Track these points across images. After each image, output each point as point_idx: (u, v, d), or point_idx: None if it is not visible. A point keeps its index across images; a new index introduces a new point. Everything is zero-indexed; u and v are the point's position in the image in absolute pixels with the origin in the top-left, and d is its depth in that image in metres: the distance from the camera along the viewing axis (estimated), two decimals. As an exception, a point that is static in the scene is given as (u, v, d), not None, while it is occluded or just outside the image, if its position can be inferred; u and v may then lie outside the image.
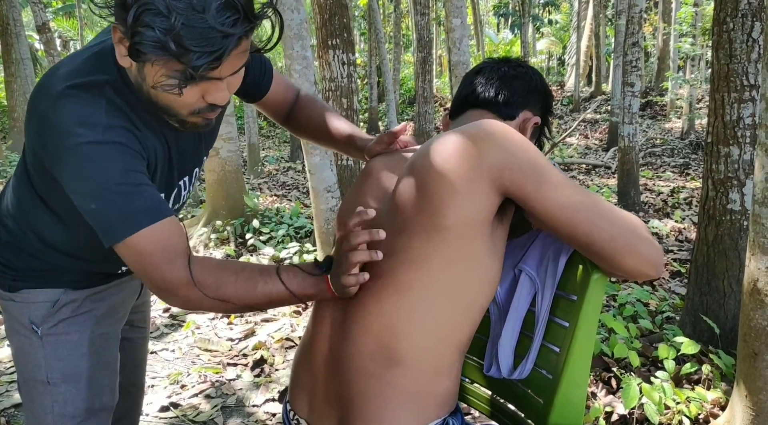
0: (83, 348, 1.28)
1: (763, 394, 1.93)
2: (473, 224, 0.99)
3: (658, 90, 16.37)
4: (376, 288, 1.02)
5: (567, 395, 1.13)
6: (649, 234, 1.03)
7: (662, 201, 6.86)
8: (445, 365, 1.03)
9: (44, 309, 1.25)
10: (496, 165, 0.98)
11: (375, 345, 1.01)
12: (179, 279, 1.02)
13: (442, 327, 1.02)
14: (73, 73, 1.05)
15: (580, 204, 0.99)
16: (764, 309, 1.91)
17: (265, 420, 2.45)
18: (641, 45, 6.24)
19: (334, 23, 4.16)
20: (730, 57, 2.57)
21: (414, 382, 1.00)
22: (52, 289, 1.26)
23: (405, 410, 0.99)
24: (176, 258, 1.02)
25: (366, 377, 1.00)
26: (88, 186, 1.00)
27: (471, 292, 1.03)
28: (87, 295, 1.30)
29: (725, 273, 2.70)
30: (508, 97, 1.22)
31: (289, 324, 3.39)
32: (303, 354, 1.15)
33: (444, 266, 1.00)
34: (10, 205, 1.25)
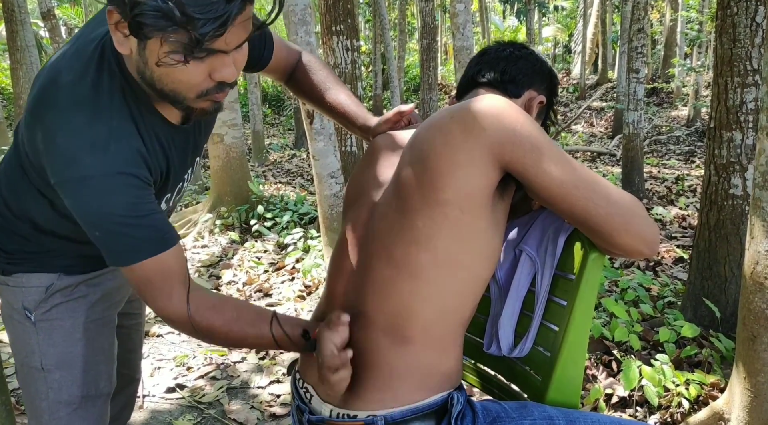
0: (77, 334, 1.27)
1: (761, 376, 1.95)
2: (473, 198, 1.01)
3: (665, 77, 16.29)
4: (391, 272, 1.05)
5: (564, 372, 1.16)
6: (646, 214, 1.05)
7: (666, 188, 6.86)
8: (450, 341, 1.07)
9: (37, 294, 1.24)
10: (497, 139, 0.99)
11: (387, 322, 1.04)
12: (175, 314, 1.07)
13: (449, 303, 1.05)
14: (79, 83, 1.02)
15: (579, 180, 1.01)
16: (764, 292, 1.92)
17: (270, 402, 2.48)
18: (647, 31, 6.21)
19: (338, 9, 4.16)
20: (734, 41, 2.57)
21: (422, 358, 1.04)
22: (45, 274, 1.24)
23: (413, 383, 1.03)
24: (174, 290, 1.06)
25: (377, 349, 1.04)
26: (93, 218, 1.01)
27: (474, 267, 1.06)
28: (81, 280, 1.28)
29: (726, 257, 2.72)
30: (514, 76, 1.24)
31: (294, 309, 3.42)
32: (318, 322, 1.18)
33: (449, 243, 1.02)
34: (2, 189, 1.23)
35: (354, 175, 1.30)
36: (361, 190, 1.23)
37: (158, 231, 1.05)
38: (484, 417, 1.06)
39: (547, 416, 1.08)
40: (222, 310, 1.09)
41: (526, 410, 1.09)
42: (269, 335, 1.10)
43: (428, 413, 1.02)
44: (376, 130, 1.36)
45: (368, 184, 1.22)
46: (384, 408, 1.01)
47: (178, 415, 2.40)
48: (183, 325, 1.08)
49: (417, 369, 1.03)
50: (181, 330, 1.11)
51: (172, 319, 1.07)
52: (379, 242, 1.09)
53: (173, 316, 1.07)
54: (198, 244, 4.95)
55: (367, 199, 1.19)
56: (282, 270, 4.08)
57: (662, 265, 3.93)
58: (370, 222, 1.14)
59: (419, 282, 1.03)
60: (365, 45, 18.05)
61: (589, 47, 20.36)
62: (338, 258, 1.19)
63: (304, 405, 1.13)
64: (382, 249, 1.07)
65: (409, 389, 1.03)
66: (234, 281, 3.97)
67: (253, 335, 1.10)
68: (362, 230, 1.15)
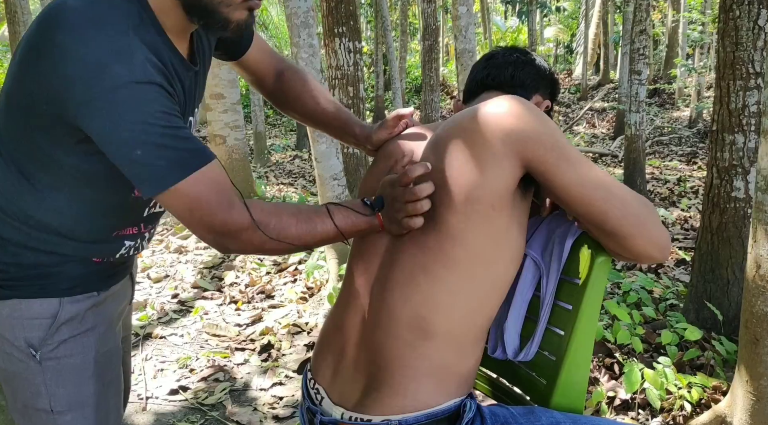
0: (88, 372, 1.15)
1: (763, 380, 1.95)
2: (501, 195, 1.03)
3: (667, 78, 16.28)
4: (425, 260, 1.05)
5: (569, 376, 1.16)
6: (659, 219, 1.07)
7: (669, 189, 6.86)
8: (471, 341, 1.08)
9: (42, 328, 1.09)
10: (522, 137, 1.01)
11: (413, 314, 1.04)
12: (241, 223, 0.99)
13: (475, 301, 1.06)
14: (91, 5, 0.94)
15: (598, 182, 1.02)
16: (766, 296, 1.92)
17: (273, 404, 2.49)
18: (649, 32, 6.21)
19: (341, 11, 4.16)
20: (736, 44, 2.57)
21: (443, 356, 1.04)
22: (47, 299, 1.09)
23: (430, 384, 1.03)
24: (234, 201, 0.99)
25: (400, 345, 1.04)
26: (131, 132, 0.92)
27: (503, 266, 1.08)
28: (87, 308, 1.15)
29: (729, 260, 2.72)
30: (523, 81, 1.28)
31: (296, 311, 3.43)
32: (333, 325, 1.18)
33: (482, 240, 1.04)
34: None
35: (366, 180, 1.29)
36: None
37: (197, 142, 1.00)
38: (492, 422, 1.06)
39: (554, 421, 1.09)
40: (282, 211, 1.04)
41: (534, 415, 1.09)
42: (332, 225, 1.06)
43: (441, 419, 1.03)
44: (377, 138, 1.33)
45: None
46: (400, 412, 1.01)
47: (181, 417, 2.40)
48: (250, 234, 1.00)
49: (437, 369, 1.04)
50: (245, 247, 1.03)
51: (237, 231, 0.99)
52: (409, 236, 1.09)
53: (239, 226, 0.99)
54: (200, 245, 4.95)
55: None
56: (284, 271, 4.09)
57: (664, 267, 3.93)
58: None
59: (451, 275, 1.04)
60: (367, 46, 18.06)
61: (591, 48, 20.35)
62: (362, 260, 1.18)
63: (315, 407, 1.13)
64: (413, 241, 1.08)
65: (426, 392, 1.03)
66: (237, 282, 3.97)
67: (321, 223, 1.06)
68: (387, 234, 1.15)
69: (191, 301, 3.70)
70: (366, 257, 1.17)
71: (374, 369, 1.06)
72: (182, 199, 0.97)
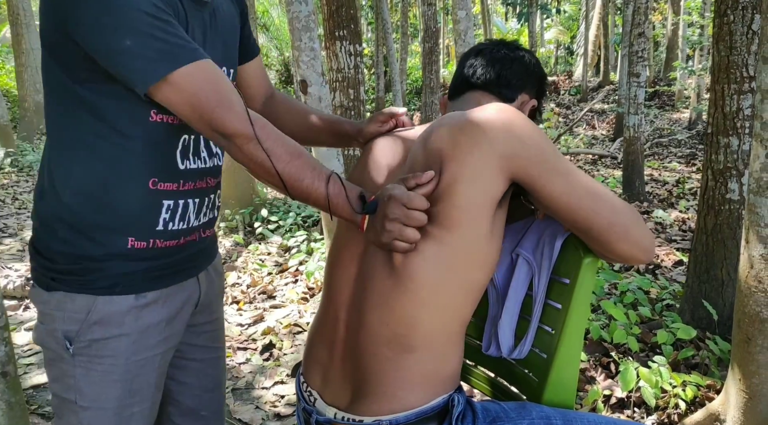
0: (114, 376, 1.14)
1: (755, 378, 1.99)
2: (481, 205, 1.04)
3: (666, 80, 16.31)
4: (393, 283, 1.06)
5: (560, 373, 1.20)
6: (644, 222, 1.10)
7: (667, 191, 6.89)
8: (451, 347, 1.10)
9: (77, 322, 1.10)
10: (507, 151, 1.02)
11: (391, 333, 1.06)
12: (237, 127, 0.99)
13: (451, 310, 1.08)
14: None
15: (584, 191, 1.04)
16: (758, 296, 1.96)
17: (274, 402, 2.53)
18: (647, 35, 6.24)
19: (341, 14, 4.20)
20: (731, 49, 2.61)
21: (425, 365, 1.06)
22: (87, 296, 1.10)
23: (416, 389, 1.06)
24: (233, 103, 0.99)
25: (381, 360, 1.06)
26: (120, 17, 0.93)
27: (475, 272, 1.09)
28: (125, 311, 1.12)
29: (724, 261, 2.76)
30: (509, 80, 1.26)
31: (297, 311, 3.47)
32: (319, 331, 1.21)
33: (453, 248, 1.05)
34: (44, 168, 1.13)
35: (351, 176, 1.30)
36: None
37: (189, 41, 0.99)
38: (484, 417, 1.09)
39: (544, 416, 1.12)
40: (286, 141, 1.05)
41: (525, 410, 1.13)
42: (324, 189, 1.06)
43: (431, 416, 1.06)
44: (367, 130, 1.34)
45: (369, 186, 1.21)
46: (390, 413, 1.04)
47: (184, 415, 2.44)
48: (243, 141, 1.00)
49: (421, 376, 1.06)
50: (238, 151, 1.02)
51: (233, 135, 1.00)
52: (379, 252, 1.10)
53: (235, 129, 0.99)
54: (202, 247, 5.00)
55: None
56: (285, 272, 4.13)
57: (662, 268, 3.96)
58: None
59: (420, 289, 1.05)
60: (368, 47, 18.10)
61: (591, 49, 20.37)
62: (338, 267, 1.19)
63: (310, 407, 1.16)
64: (383, 260, 1.09)
65: (413, 395, 1.06)
66: (238, 283, 4.01)
67: (310, 179, 1.05)
68: (360, 240, 1.16)
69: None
70: (341, 275, 1.18)
71: (359, 380, 1.09)
72: (179, 93, 0.97)
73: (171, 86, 0.96)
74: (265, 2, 20.66)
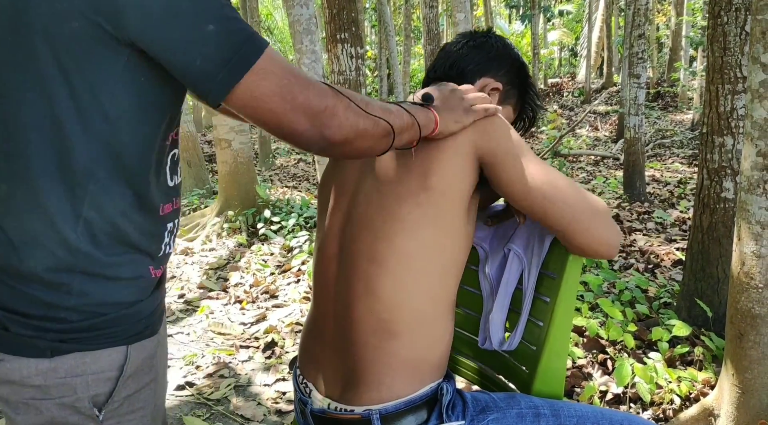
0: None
1: (748, 373, 2.02)
2: (456, 187, 1.09)
3: (670, 81, 16.31)
4: (375, 269, 1.10)
5: (549, 364, 1.24)
6: (608, 218, 1.12)
7: (669, 192, 6.91)
8: (436, 331, 1.12)
9: (108, 382, 0.90)
10: (479, 129, 1.09)
11: (376, 321, 1.09)
12: (333, 96, 0.87)
13: (435, 290, 1.11)
14: None
15: (539, 178, 1.08)
16: (750, 292, 2.00)
17: (276, 398, 2.57)
18: (647, 37, 6.27)
19: (343, 17, 4.24)
20: (724, 50, 2.65)
21: (410, 351, 1.09)
22: (115, 348, 0.90)
23: (404, 376, 1.09)
24: (311, 79, 0.87)
25: (369, 349, 1.10)
26: (201, 4, 0.79)
27: (454, 251, 1.13)
28: (152, 355, 0.97)
29: (719, 259, 2.79)
30: (463, 68, 1.28)
31: (299, 310, 3.51)
32: (311, 326, 1.25)
33: (433, 230, 1.09)
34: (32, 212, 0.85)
35: (327, 165, 1.31)
36: (336, 192, 1.24)
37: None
38: (474, 407, 1.13)
39: (533, 405, 1.16)
40: (365, 97, 0.95)
41: (514, 400, 1.17)
42: (405, 111, 1.00)
43: (420, 404, 1.09)
44: None
45: (341, 186, 1.23)
46: (379, 402, 1.07)
47: (187, 411, 2.49)
48: (345, 107, 0.88)
49: (407, 362, 1.09)
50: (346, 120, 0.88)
51: (334, 106, 0.86)
52: (360, 243, 1.13)
53: (332, 99, 0.86)
54: (206, 247, 5.05)
55: (341, 202, 1.21)
56: (288, 272, 4.18)
57: (661, 268, 3.99)
58: (347, 226, 1.17)
59: (403, 272, 1.08)
60: (371, 50, 18.15)
61: (595, 51, 20.40)
62: (321, 266, 1.22)
63: (305, 398, 1.20)
64: (364, 249, 1.11)
65: (401, 383, 1.09)
66: (241, 283, 4.06)
67: (398, 113, 0.98)
68: (339, 235, 1.19)
69: (197, 301, 3.79)
70: (326, 271, 1.20)
71: (349, 369, 1.12)
72: (271, 78, 0.82)
73: (261, 73, 0.81)
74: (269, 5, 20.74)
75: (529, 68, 1.37)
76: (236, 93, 0.81)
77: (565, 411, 1.16)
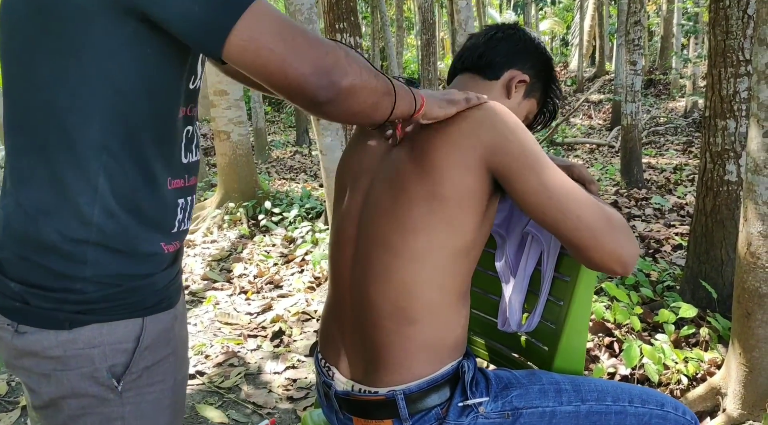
0: (165, 401, 1.00)
1: (755, 351, 2.05)
2: (469, 196, 1.07)
3: (662, 68, 16.37)
4: (390, 258, 1.10)
5: (569, 342, 1.27)
6: (625, 233, 1.06)
7: (665, 178, 6.96)
8: (453, 315, 1.14)
9: (125, 353, 0.92)
10: (489, 145, 1.05)
11: (393, 307, 1.10)
12: (328, 42, 0.85)
13: (446, 283, 1.11)
14: None
15: (554, 192, 1.04)
16: (756, 272, 2.03)
17: (287, 386, 2.59)
18: (643, 24, 6.30)
19: (341, 7, 4.24)
20: (727, 33, 2.67)
21: (429, 335, 1.11)
22: (132, 320, 0.93)
23: (423, 358, 1.11)
24: (309, 31, 0.85)
25: (386, 333, 1.11)
26: None
27: (468, 248, 1.12)
28: (169, 327, 0.99)
29: (723, 241, 2.82)
30: (491, 59, 1.27)
31: (305, 300, 3.53)
32: (329, 311, 1.27)
33: (445, 233, 1.08)
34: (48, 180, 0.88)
35: (348, 156, 1.31)
36: (357, 174, 1.24)
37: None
38: (497, 384, 1.15)
39: (554, 381, 1.18)
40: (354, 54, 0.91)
41: (535, 377, 1.19)
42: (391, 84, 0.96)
43: (442, 383, 1.11)
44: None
45: (363, 168, 1.23)
46: (402, 383, 1.09)
47: (199, 399, 2.51)
48: (351, 60, 0.86)
49: (426, 346, 1.11)
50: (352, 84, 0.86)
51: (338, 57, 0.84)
52: (376, 229, 1.13)
53: (338, 53, 0.85)
54: (207, 239, 5.05)
55: (359, 186, 1.21)
56: (291, 262, 4.19)
57: (662, 253, 4.03)
58: (364, 212, 1.18)
59: (417, 266, 1.09)
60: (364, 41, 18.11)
61: (586, 40, 20.41)
62: (337, 250, 1.23)
63: (329, 380, 1.22)
64: (380, 237, 1.12)
65: (422, 364, 1.10)
66: (245, 274, 4.07)
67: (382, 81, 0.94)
68: (356, 219, 1.19)
69: (202, 292, 3.80)
70: (342, 256, 1.21)
71: (369, 353, 1.13)
72: (269, 21, 0.81)
73: (259, 16, 0.81)
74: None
75: (554, 62, 1.37)
76: (235, 35, 0.80)
77: (585, 386, 1.18)
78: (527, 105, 1.32)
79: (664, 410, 1.19)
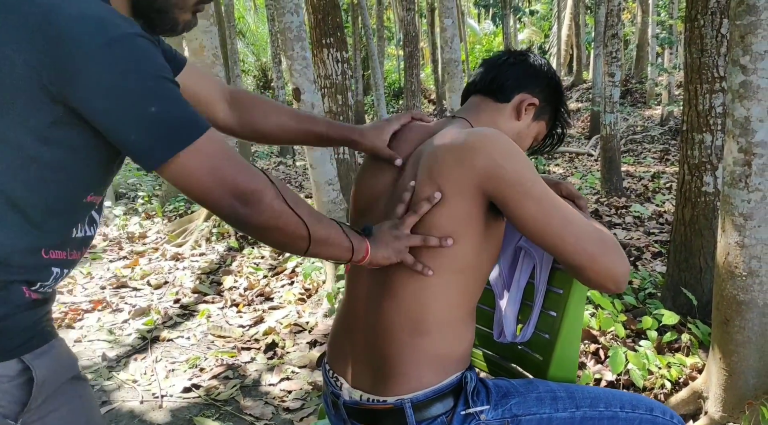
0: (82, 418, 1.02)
1: (734, 356, 2.14)
2: (468, 220, 1.15)
3: (638, 78, 16.67)
4: (405, 275, 1.18)
5: (563, 351, 1.34)
6: (617, 252, 1.13)
7: (644, 186, 7.11)
8: (462, 329, 1.21)
9: (17, 389, 0.90)
10: (485, 172, 1.11)
11: (406, 319, 1.17)
12: (263, 184, 0.92)
13: (457, 299, 1.19)
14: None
15: (553, 218, 1.11)
16: (734, 280, 2.12)
17: (282, 397, 2.64)
18: (620, 36, 6.47)
19: (328, 23, 4.33)
20: (702, 51, 2.79)
21: (438, 347, 1.18)
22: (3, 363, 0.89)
23: (431, 369, 1.17)
24: (249, 166, 0.93)
25: (398, 344, 1.18)
26: (145, 81, 0.84)
27: (477, 268, 1.20)
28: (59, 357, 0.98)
29: (701, 250, 2.93)
30: (502, 82, 1.34)
31: (296, 311, 3.58)
32: (341, 323, 1.33)
33: (454, 255, 1.16)
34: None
35: (362, 180, 1.38)
36: (371, 198, 1.33)
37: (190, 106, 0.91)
38: (497, 393, 1.22)
39: (549, 389, 1.25)
40: (297, 197, 0.99)
41: (532, 385, 1.26)
42: (347, 241, 1.07)
43: (447, 392, 1.17)
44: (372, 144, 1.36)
45: (377, 192, 1.31)
46: (409, 392, 1.16)
47: (196, 413, 2.54)
48: (272, 198, 0.93)
49: (436, 358, 1.18)
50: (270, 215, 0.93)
51: (262, 191, 0.92)
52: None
53: (262, 186, 0.92)
54: (196, 252, 5.07)
55: (378, 208, 1.30)
56: (281, 274, 4.23)
57: (642, 260, 4.14)
58: None
59: (430, 282, 1.16)
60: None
61: (564, 49, 20.75)
62: (355, 267, 1.28)
63: (337, 391, 1.27)
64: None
65: (429, 375, 1.17)
66: (236, 286, 4.11)
67: (326, 220, 1.05)
68: None
69: (193, 306, 3.83)
70: (359, 271, 1.28)
71: (379, 363, 1.19)
72: (203, 158, 0.87)
73: (197, 152, 0.87)
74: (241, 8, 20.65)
75: (563, 87, 1.43)
76: (168, 167, 0.87)
77: (579, 394, 1.25)
78: (536, 127, 1.39)
79: (653, 415, 1.27)
